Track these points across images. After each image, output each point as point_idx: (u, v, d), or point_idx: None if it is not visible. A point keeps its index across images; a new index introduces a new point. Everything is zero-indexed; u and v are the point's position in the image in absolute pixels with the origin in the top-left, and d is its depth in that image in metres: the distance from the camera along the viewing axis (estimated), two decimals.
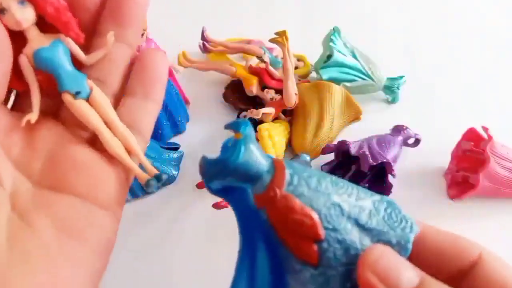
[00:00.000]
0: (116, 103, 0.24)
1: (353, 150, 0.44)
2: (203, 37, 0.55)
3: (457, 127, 0.49)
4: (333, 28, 0.54)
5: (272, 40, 0.48)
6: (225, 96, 0.54)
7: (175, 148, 0.48)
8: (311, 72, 0.58)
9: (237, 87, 0.54)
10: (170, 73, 0.51)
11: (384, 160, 0.43)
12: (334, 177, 0.20)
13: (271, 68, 0.51)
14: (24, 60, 0.20)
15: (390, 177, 0.43)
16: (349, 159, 0.47)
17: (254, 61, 0.53)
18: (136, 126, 0.24)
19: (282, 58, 0.49)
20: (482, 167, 0.43)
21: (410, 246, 0.19)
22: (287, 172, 0.19)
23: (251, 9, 0.70)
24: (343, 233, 0.18)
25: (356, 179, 0.47)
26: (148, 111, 0.24)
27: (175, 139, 0.51)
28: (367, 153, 0.43)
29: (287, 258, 0.18)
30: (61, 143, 0.22)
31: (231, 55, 0.57)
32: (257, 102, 0.53)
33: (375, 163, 0.42)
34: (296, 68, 0.57)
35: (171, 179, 0.46)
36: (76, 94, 0.21)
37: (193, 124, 0.53)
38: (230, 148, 0.19)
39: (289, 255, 0.18)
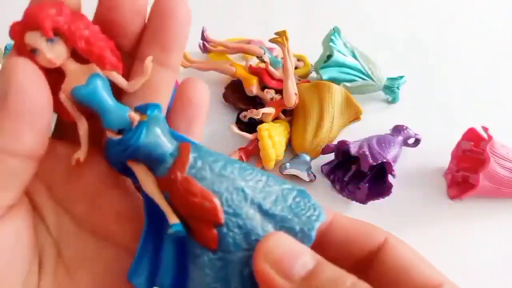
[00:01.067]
0: None
1: (353, 150, 0.44)
2: (203, 37, 0.55)
3: (457, 127, 0.49)
4: (333, 28, 0.54)
5: (272, 40, 0.48)
6: (225, 96, 0.54)
7: None
8: (311, 72, 0.58)
9: (237, 87, 0.54)
10: None
11: (384, 160, 0.43)
12: (244, 164, 0.19)
13: (271, 68, 0.51)
14: (63, 98, 0.19)
15: (390, 177, 0.43)
16: (349, 159, 0.47)
17: (254, 61, 0.53)
18: None
19: (282, 58, 0.49)
20: (482, 167, 0.43)
21: (313, 233, 0.18)
22: (191, 156, 0.19)
23: (251, 9, 0.70)
24: (244, 218, 0.18)
25: (356, 179, 0.47)
26: None
27: None
28: (367, 153, 0.43)
29: (188, 243, 0.18)
30: (103, 186, 0.21)
31: (231, 55, 0.57)
32: (257, 102, 0.53)
33: (375, 163, 0.42)
34: (296, 68, 0.57)
35: None
36: (119, 132, 0.19)
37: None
38: (133, 129, 0.19)
39: (190, 239, 0.18)
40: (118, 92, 0.20)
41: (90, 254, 0.20)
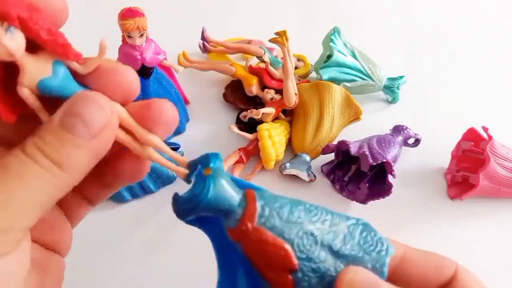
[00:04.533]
0: None
1: (353, 150, 0.44)
2: (203, 37, 0.55)
3: (457, 127, 0.49)
4: (333, 28, 0.54)
5: (272, 40, 0.48)
6: (225, 96, 0.54)
7: (175, 148, 0.48)
8: (311, 72, 0.58)
9: (237, 87, 0.54)
10: (170, 73, 0.51)
11: (384, 160, 0.43)
12: (308, 204, 0.20)
13: (271, 68, 0.51)
14: (26, 92, 0.18)
15: (390, 177, 0.43)
16: (349, 159, 0.47)
17: (254, 61, 0.53)
18: None
19: (282, 58, 0.49)
20: (482, 167, 0.43)
21: (386, 269, 0.19)
22: (258, 205, 0.19)
23: (251, 9, 0.70)
24: (317, 262, 0.18)
25: (356, 179, 0.47)
26: None
27: (175, 139, 0.51)
28: (367, 153, 0.43)
29: None
30: None
31: (231, 55, 0.57)
32: (257, 102, 0.53)
33: (375, 163, 0.42)
34: (296, 68, 0.57)
35: (171, 179, 0.46)
36: None
37: (193, 124, 0.53)
38: (201, 184, 0.19)
39: (267, 285, 0.18)
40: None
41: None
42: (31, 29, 0.17)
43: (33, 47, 0.18)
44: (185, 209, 0.19)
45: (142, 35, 0.43)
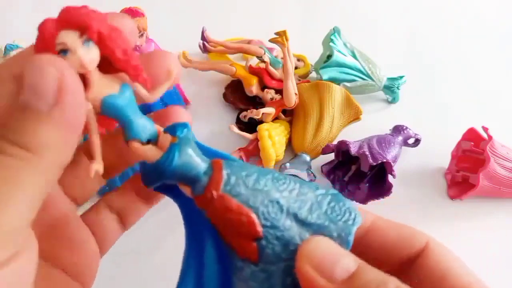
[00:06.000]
0: None
1: (353, 150, 0.44)
2: (203, 37, 0.55)
3: (457, 127, 0.49)
4: (333, 28, 0.54)
5: (272, 40, 0.48)
6: (225, 96, 0.54)
7: None
8: (311, 72, 0.58)
9: (237, 87, 0.54)
10: None
11: (384, 160, 0.43)
12: (276, 173, 0.20)
13: (271, 68, 0.51)
14: (89, 108, 0.18)
15: (390, 177, 0.43)
16: (349, 159, 0.47)
17: (254, 61, 0.53)
18: None
19: (282, 58, 0.49)
20: (482, 167, 0.43)
21: (351, 238, 0.19)
22: (224, 173, 0.19)
23: (251, 9, 0.70)
24: (282, 230, 0.18)
25: (356, 179, 0.47)
26: None
27: None
28: (367, 153, 0.43)
29: (231, 256, 0.19)
30: (62, 214, 0.21)
31: (231, 55, 0.57)
32: (257, 102, 0.53)
33: (375, 163, 0.42)
34: (296, 68, 0.57)
35: None
36: (147, 143, 0.19)
37: (193, 124, 0.52)
38: (166, 152, 0.19)
39: (232, 253, 0.19)
40: None
41: (43, 277, 0.20)
42: (108, 47, 0.17)
43: (104, 68, 0.18)
44: (151, 177, 0.19)
45: (142, 35, 0.44)
